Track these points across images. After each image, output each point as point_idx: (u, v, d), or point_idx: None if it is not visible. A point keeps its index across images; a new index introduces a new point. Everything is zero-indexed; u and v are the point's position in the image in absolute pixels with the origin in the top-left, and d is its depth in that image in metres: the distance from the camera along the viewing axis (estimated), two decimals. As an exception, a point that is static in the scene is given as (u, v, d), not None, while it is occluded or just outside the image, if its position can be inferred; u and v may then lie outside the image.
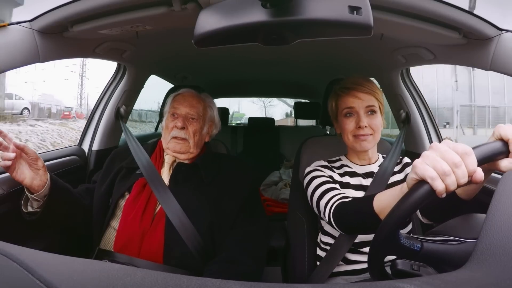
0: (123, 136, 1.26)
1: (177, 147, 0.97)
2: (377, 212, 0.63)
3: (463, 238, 0.47)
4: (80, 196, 0.97)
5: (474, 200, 0.56)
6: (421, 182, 0.44)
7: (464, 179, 0.43)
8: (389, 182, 0.92)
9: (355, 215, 0.72)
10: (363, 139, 0.90)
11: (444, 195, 0.43)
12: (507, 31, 0.73)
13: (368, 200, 0.66)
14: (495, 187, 0.41)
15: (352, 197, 0.80)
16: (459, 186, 0.43)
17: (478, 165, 0.44)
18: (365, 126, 0.88)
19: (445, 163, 0.43)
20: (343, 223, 0.76)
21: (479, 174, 0.43)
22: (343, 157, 1.02)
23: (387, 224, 0.45)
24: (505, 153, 0.46)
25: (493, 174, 0.98)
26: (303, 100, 2.87)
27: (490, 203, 0.39)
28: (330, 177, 0.93)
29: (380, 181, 0.92)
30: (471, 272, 0.33)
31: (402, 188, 0.56)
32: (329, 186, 0.87)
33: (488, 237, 0.35)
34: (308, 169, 0.97)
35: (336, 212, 0.77)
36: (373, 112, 0.90)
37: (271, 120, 2.93)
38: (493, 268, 0.32)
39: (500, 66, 0.74)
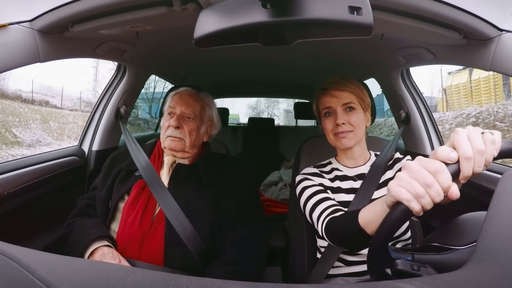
0: (123, 136, 1.26)
1: (172, 145, 0.97)
2: (363, 227, 0.64)
3: (454, 246, 0.48)
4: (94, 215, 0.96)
5: (474, 200, 0.56)
6: (399, 203, 0.45)
7: (439, 198, 0.42)
8: (381, 181, 0.91)
9: (344, 232, 0.72)
10: (343, 136, 0.89)
11: (422, 213, 0.44)
12: (507, 31, 0.73)
13: (353, 215, 0.67)
14: (495, 187, 0.41)
15: (341, 209, 0.80)
16: (436, 203, 0.43)
17: (453, 179, 0.43)
18: (343, 123, 0.88)
19: (418, 185, 0.43)
20: (335, 239, 0.77)
21: (455, 191, 0.42)
22: (333, 160, 1.01)
23: (375, 243, 0.48)
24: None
25: (493, 174, 0.99)
26: (303, 100, 2.87)
27: (490, 203, 0.39)
28: (321, 184, 0.92)
29: (371, 182, 0.90)
30: (471, 272, 0.33)
31: (383, 205, 0.55)
32: (319, 197, 0.86)
33: (488, 237, 0.35)
34: (298, 178, 0.96)
35: (327, 229, 0.78)
36: (351, 108, 0.90)
37: (271, 120, 2.93)
38: (493, 268, 0.32)
39: (501, 67, 0.74)
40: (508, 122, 6.55)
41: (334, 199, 0.89)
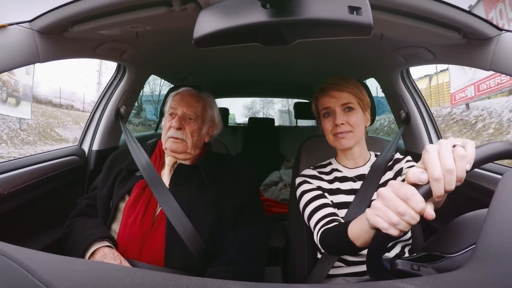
0: (123, 136, 1.27)
1: (174, 146, 0.96)
2: (352, 240, 0.66)
3: (447, 254, 0.48)
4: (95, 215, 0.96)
5: (474, 200, 0.56)
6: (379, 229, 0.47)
7: (414, 221, 0.43)
8: (381, 182, 0.92)
9: (336, 244, 0.76)
10: (342, 137, 0.89)
11: (402, 233, 0.45)
12: (507, 31, 0.73)
13: (344, 228, 0.69)
14: (495, 187, 0.41)
15: (336, 219, 0.82)
16: (413, 224, 0.44)
17: (428, 199, 0.43)
18: (342, 124, 0.88)
19: (392, 213, 0.44)
20: (329, 250, 0.80)
21: (429, 213, 0.43)
22: (333, 160, 1.01)
23: (369, 261, 0.51)
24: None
25: (493, 175, 0.99)
26: (303, 100, 2.87)
27: (490, 203, 0.39)
28: (319, 187, 0.93)
29: (370, 183, 0.91)
30: (471, 272, 0.33)
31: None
32: (317, 203, 0.87)
33: (488, 237, 0.35)
34: (298, 180, 0.97)
35: (322, 239, 0.80)
36: (350, 108, 0.90)
37: (271, 120, 2.93)
38: (493, 268, 0.32)
39: (500, 66, 0.74)
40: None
41: (332, 202, 0.90)
